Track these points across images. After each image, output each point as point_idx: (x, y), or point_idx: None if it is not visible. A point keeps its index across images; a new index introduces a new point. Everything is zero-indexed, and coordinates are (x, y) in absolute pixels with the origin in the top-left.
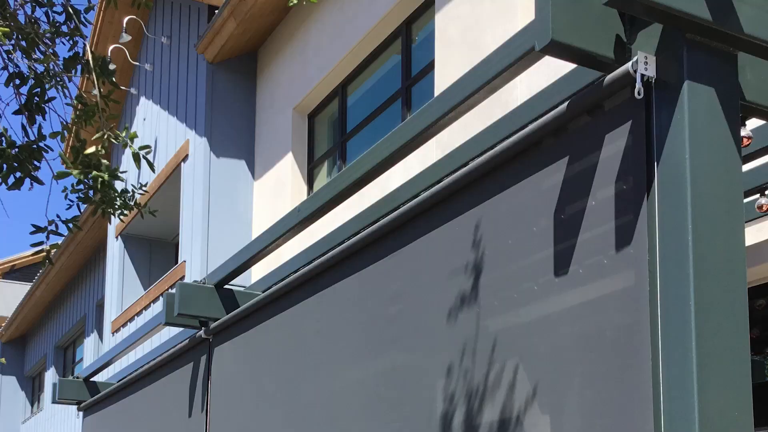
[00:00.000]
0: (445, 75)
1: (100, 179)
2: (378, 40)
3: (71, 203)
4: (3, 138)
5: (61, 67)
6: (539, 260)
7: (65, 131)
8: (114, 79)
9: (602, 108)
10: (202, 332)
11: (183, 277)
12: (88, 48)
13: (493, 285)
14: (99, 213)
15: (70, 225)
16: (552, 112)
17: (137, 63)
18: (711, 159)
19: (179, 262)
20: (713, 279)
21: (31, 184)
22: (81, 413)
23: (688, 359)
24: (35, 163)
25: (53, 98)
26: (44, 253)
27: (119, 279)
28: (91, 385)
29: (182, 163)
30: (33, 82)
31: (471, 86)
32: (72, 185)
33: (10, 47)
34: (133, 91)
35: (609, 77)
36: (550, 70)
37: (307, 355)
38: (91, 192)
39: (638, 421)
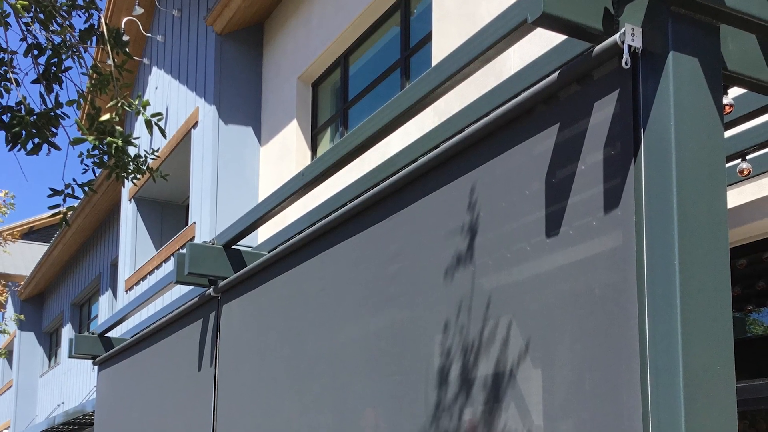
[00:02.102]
0: (442, 46)
1: (114, 145)
2: (378, 13)
3: (87, 168)
4: (22, 106)
5: (77, 38)
6: (531, 222)
7: (81, 99)
8: (127, 49)
9: (591, 77)
10: (211, 290)
11: (193, 238)
12: (102, 20)
13: (487, 245)
14: (113, 177)
15: (86, 188)
16: (543, 81)
17: (149, 35)
18: (695, 125)
19: (189, 223)
20: (697, 239)
21: (49, 149)
22: (96, 367)
23: (673, 315)
24: (52, 129)
25: (70, 68)
26: (61, 215)
27: (132, 240)
28: (105, 341)
29: (192, 130)
30: (50, 52)
31: (466, 56)
32: (87, 151)
33: (29, 19)
34: (145, 61)
35: (598, 48)
36: (541, 42)
37: (310, 312)
38: (105, 157)
39: (625, 374)
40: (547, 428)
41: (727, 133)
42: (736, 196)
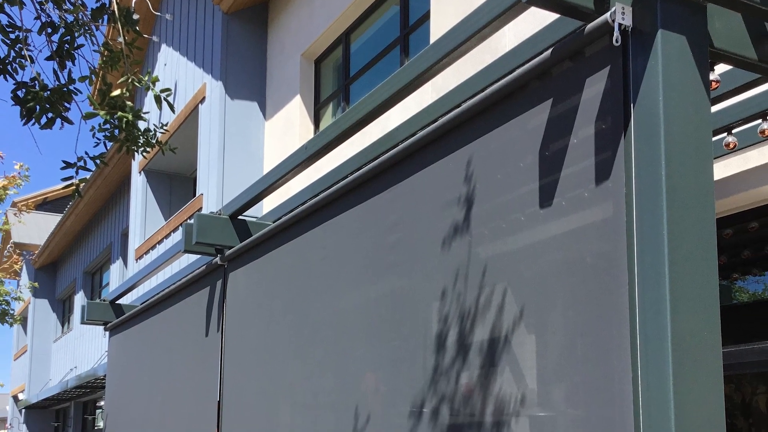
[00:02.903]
0: (440, 24)
1: (124, 119)
2: None
3: (98, 141)
4: (36, 82)
5: (89, 16)
6: (526, 193)
7: (93, 75)
8: (137, 27)
9: (583, 54)
10: (217, 259)
11: (200, 209)
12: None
13: (483, 216)
14: (124, 150)
15: (97, 161)
16: (537, 58)
17: (159, 13)
18: (682, 101)
19: (197, 195)
20: (684, 210)
21: (62, 123)
22: (107, 333)
23: (662, 283)
24: (65, 104)
25: (82, 45)
26: (74, 187)
27: (142, 210)
28: (116, 307)
29: (200, 105)
30: (63, 30)
31: (463, 34)
32: (99, 125)
33: None
34: (155, 39)
35: (589, 26)
36: (535, 20)
37: (313, 280)
38: (116, 131)
39: (616, 339)
40: (541, 391)
41: (714, 108)
42: (723, 169)
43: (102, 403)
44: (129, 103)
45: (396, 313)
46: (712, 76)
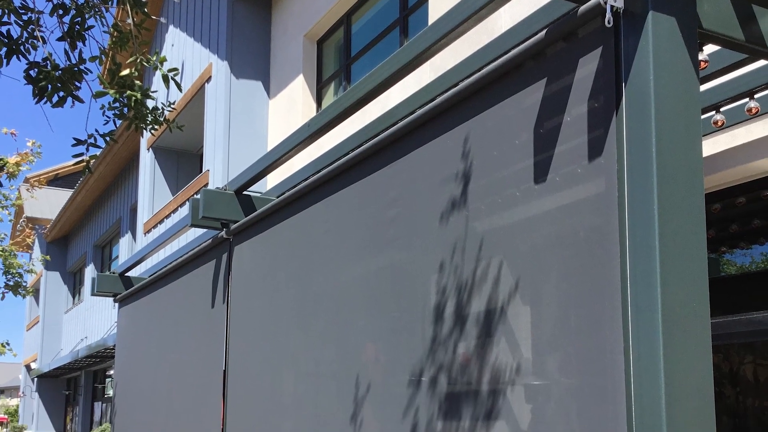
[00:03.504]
0: (438, 6)
1: (133, 98)
2: None
3: (108, 119)
4: (48, 62)
5: None
6: (521, 169)
7: (103, 56)
8: (146, 9)
9: (576, 35)
10: (223, 233)
11: (207, 185)
12: None
13: (479, 191)
14: (132, 128)
15: (107, 138)
16: (532, 39)
17: None
18: (672, 80)
19: (203, 171)
20: (674, 186)
21: (73, 102)
22: (116, 304)
23: (652, 257)
24: (76, 83)
25: (92, 26)
26: (84, 163)
27: (150, 186)
28: (125, 280)
29: (206, 84)
30: (74, 12)
31: (460, 16)
32: (109, 103)
33: None
34: (162, 20)
35: (582, 8)
36: (530, 2)
37: (315, 253)
38: (125, 109)
39: (608, 311)
40: (536, 361)
41: (703, 87)
42: (711, 146)
43: (111, 372)
44: (138, 82)
45: (395, 285)
46: (700, 56)
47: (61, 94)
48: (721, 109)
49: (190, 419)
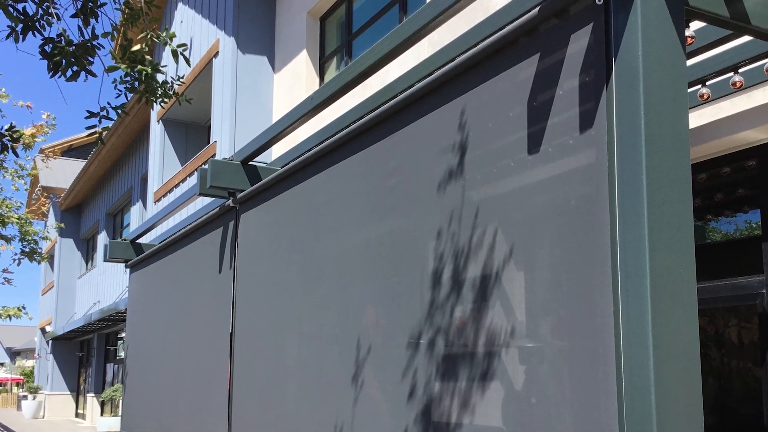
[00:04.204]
0: None
1: (144, 72)
2: None
3: (120, 92)
4: (62, 37)
5: None
6: (515, 141)
7: (115, 32)
8: None
9: (568, 12)
10: (230, 201)
11: (214, 155)
12: None
13: (475, 161)
14: (143, 101)
15: (119, 111)
16: (526, 16)
17: None
18: (660, 55)
19: (211, 142)
20: (662, 156)
21: (86, 76)
22: (128, 270)
23: (641, 224)
24: (89, 58)
25: (104, 3)
26: (97, 135)
27: (160, 156)
28: (136, 246)
29: (213, 59)
30: None
31: None
32: (120, 77)
33: None
34: None
35: None
36: None
37: (318, 221)
38: (136, 83)
39: (599, 276)
40: (529, 324)
41: (689, 62)
42: (697, 118)
43: (123, 334)
44: (148, 57)
45: (395, 251)
46: (687, 32)
47: (75, 68)
48: (707, 83)
49: (198, 380)
